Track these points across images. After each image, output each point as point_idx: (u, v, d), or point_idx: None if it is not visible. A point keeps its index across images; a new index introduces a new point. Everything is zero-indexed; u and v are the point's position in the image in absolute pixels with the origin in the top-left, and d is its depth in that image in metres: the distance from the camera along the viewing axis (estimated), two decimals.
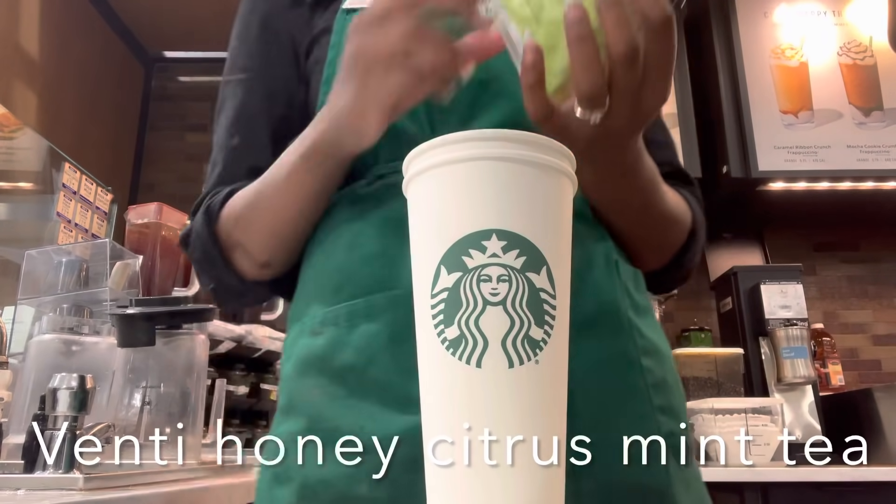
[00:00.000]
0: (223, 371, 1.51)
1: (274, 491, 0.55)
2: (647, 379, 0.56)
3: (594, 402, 0.53)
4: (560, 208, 0.36)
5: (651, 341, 0.59)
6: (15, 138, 2.28)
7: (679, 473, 0.56)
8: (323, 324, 0.57)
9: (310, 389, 0.56)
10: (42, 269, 1.17)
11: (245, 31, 0.73)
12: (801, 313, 2.21)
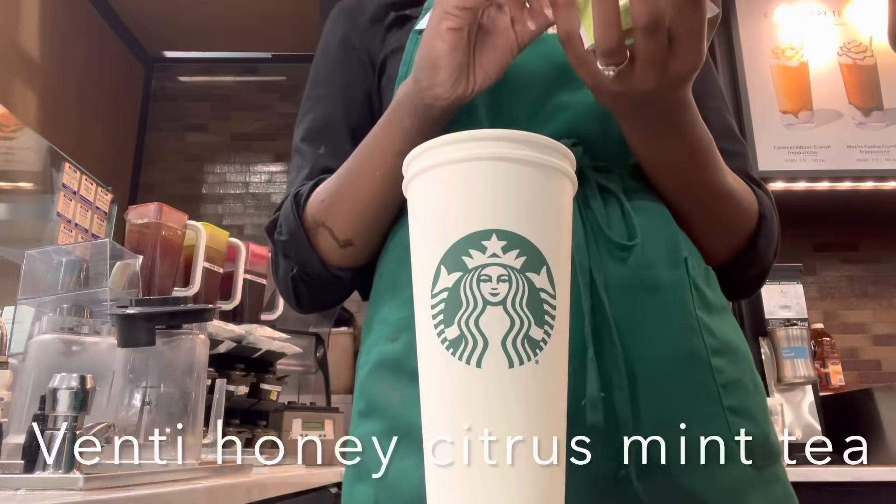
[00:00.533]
0: (223, 371, 1.51)
1: (355, 488, 0.58)
2: (717, 378, 0.56)
3: (658, 399, 0.53)
4: (560, 208, 0.36)
5: (724, 341, 0.59)
6: (15, 138, 2.28)
7: (754, 477, 0.55)
8: (398, 329, 0.59)
9: (388, 392, 0.59)
10: (42, 269, 1.16)
11: (326, 48, 0.77)
12: (801, 313, 2.21)
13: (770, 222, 0.67)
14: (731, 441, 0.54)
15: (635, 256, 0.57)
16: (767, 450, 0.58)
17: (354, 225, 0.64)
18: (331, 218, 0.64)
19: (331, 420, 1.91)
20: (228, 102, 3.39)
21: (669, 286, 0.57)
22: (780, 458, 0.60)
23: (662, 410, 0.53)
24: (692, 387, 0.55)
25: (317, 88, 0.76)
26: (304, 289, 0.70)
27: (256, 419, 1.70)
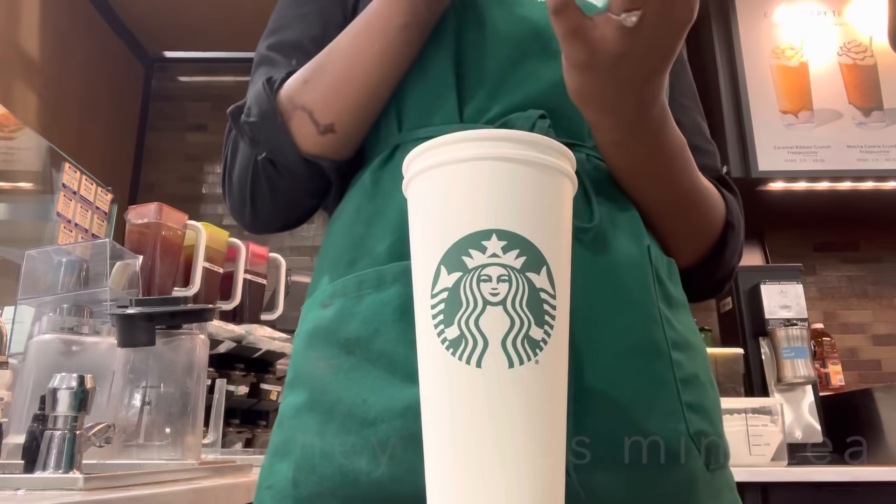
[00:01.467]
0: (223, 371, 1.51)
1: (274, 466, 0.54)
2: (676, 373, 0.53)
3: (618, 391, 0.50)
4: (560, 208, 0.36)
5: (683, 336, 0.56)
6: (15, 138, 2.28)
7: (707, 478, 0.52)
8: (332, 295, 0.55)
9: (315, 361, 0.54)
10: (42, 269, 1.17)
11: None
12: (801, 313, 2.21)
13: (737, 231, 0.65)
14: (687, 439, 0.51)
15: (595, 240, 0.53)
16: (721, 452, 0.55)
17: (340, 106, 0.57)
18: (312, 98, 0.58)
19: None
20: (228, 102, 3.34)
21: (631, 273, 0.54)
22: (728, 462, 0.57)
23: (617, 402, 0.49)
24: (651, 379, 0.51)
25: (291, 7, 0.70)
26: (265, 184, 0.62)
27: (256, 419, 1.70)
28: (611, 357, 0.50)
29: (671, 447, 0.50)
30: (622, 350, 0.51)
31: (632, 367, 0.51)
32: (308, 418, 0.52)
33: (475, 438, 0.32)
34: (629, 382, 0.50)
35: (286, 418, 0.55)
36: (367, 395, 0.50)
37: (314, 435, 0.51)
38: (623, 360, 0.51)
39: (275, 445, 0.55)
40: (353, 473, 0.48)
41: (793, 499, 1.75)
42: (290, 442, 0.53)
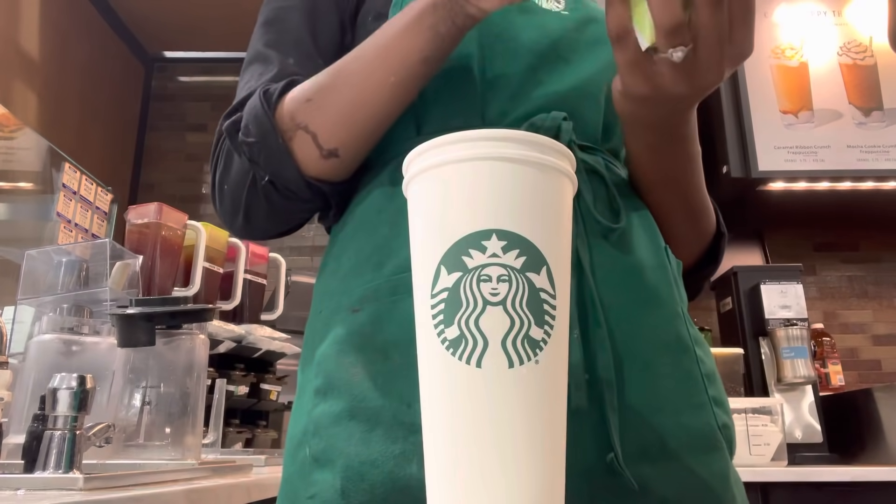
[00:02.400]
0: (223, 371, 1.51)
1: (314, 475, 0.52)
2: (701, 368, 0.55)
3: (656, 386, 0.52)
4: (560, 208, 0.36)
5: (697, 332, 0.59)
6: (15, 138, 2.28)
7: (732, 468, 0.56)
8: (362, 300, 0.54)
9: (350, 367, 0.53)
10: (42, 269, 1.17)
11: None
12: (801, 313, 2.21)
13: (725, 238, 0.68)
14: (716, 430, 0.54)
15: (621, 239, 0.55)
16: (734, 442, 0.59)
17: (347, 133, 0.56)
18: (318, 121, 0.56)
19: None
20: (228, 102, 3.34)
21: (655, 272, 0.56)
22: None
23: (652, 395, 0.51)
24: (682, 374, 0.54)
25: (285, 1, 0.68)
26: (264, 202, 0.60)
27: (256, 419, 1.70)
28: (646, 353, 0.52)
29: (707, 439, 0.53)
30: (655, 346, 0.53)
31: (665, 362, 0.53)
32: (350, 426, 0.51)
33: (475, 438, 0.32)
34: (664, 378, 0.53)
35: (323, 426, 0.53)
36: (412, 399, 0.49)
37: (359, 443, 0.50)
38: (657, 356, 0.53)
39: (312, 454, 0.53)
40: (404, 479, 0.48)
41: (793, 499, 1.75)
42: (332, 450, 0.52)
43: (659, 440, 0.50)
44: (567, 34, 0.63)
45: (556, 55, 0.61)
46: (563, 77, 0.60)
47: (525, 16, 0.62)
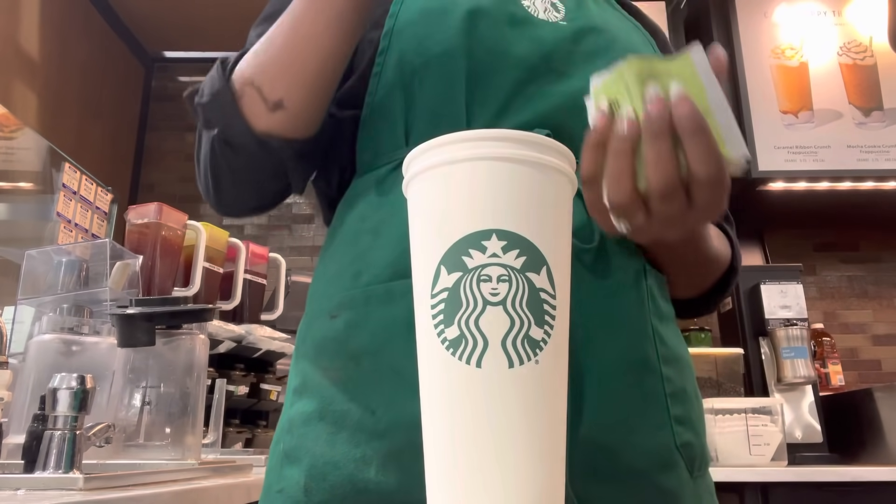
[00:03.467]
0: (223, 371, 1.51)
1: (284, 469, 0.55)
2: (665, 387, 0.55)
3: (613, 405, 0.52)
4: (560, 208, 0.35)
5: (672, 349, 0.58)
6: (15, 138, 2.28)
7: (691, 486, 0.55)
8: (340, 307, 0.56)
9: (324, 370, 0.55)
10: (42, 269, 1.17)
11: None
12: (801, 313, 2.21)
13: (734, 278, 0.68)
14: (674, 450, 0.54)
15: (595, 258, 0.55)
16: (703, 459, 0.58)
17: (288, 81, 0.56)
18: (261, 74, 0.57)
19: None
20: None
21: (628, 293, 0.56)
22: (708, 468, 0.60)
23: (607, 415, 0.52)
24: (642, 394, 0.54)
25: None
26: (224, 165, 0.61)
27: (256, 419, 1.70)
28: (607, 373, 0.52)
29: (660, 459, 0.53)
30: (617, 367, 0.53)
31: (625, 383, 0.53)
32: (318, 427, 0.54)
33: (475, 438, 0.32)
34: (622, 397, 0.53)
35: (296, 425, 0.56)
36: (376, 406, 0.51)
37: (325, 444, 0.53)
38: (618, 377, 0.53)
39: (284, 450, 0.56)
40: (363, 483, 0.50)
41: (793, 499, 1.75)
42: (301, 449, 0.54)
43: (610, 459, 0.51)
44: (562, 46, 0.62)
45: (549, 68, 0.60)
46: (553, 91, 0.59)
47: (518, 28, 0.61)
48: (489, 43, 0.59)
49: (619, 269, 0.56)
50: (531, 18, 0.62)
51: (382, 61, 0.60)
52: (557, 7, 0.65)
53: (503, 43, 0.60)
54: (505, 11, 0.61)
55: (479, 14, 0.60)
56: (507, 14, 0.61)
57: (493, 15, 0.60)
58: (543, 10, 0.64)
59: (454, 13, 0.60)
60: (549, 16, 0.63)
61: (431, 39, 0.59)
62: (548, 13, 0.64)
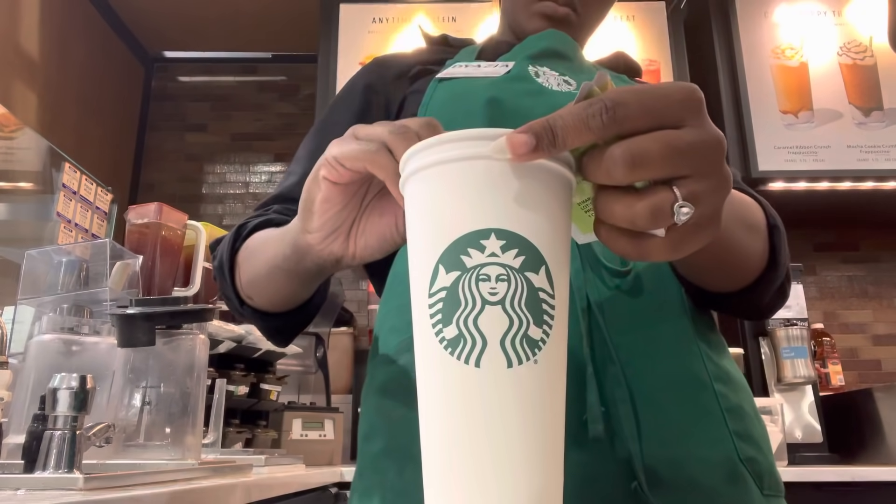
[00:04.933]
0: (223, 371, 1.51)
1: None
2: (721, 403, 0.56)
3: (669, 420, 0.53)
4: (558, 207, 0.35)
5: (724, 369, 0.59)
6: (15, 138, 2.28)
7: (763, 501, 0.56)
8: (398, 352, 0.61)
9: (388, 411, 0.60)
10: (42, 269, 1.16)
11: (351, 90, 0.81)
12: (801, 313, 2.21)
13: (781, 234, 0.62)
14: (738, 464, 0.55)
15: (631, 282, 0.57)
16: (774, 480, 0.59)
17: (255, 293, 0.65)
18: (244, 267, 0.65)
19: (331, 420, 1.91)
20: (228, 102, 3.39)
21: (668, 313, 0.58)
22: (783, 495, 0.61)
23: (667, 429, 0.53)
24: (697, 409, 0.55)
25: (333, 113, 0.80)
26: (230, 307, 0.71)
27: (256, 419, 1.70)
28: (658, 391, 0.54)
29: (725, 472, 0.53)
30: (668, 384, 0.54)
31: (678, 398, 0.54)
32: (386, 462, 0.58)
33: (473, 438, 0.32)
34: (678, 412, 0.54)
35: (366, 468, 0.61)
36: None
37: (394, 478, 0.56)
38: (670, 393, 0.54)
39: (358, 495, 0.61)
40: None
41: (793, 499, 1.74)
42: (373, 487, 0.59)
43: (676, 470, 0.52)
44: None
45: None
46: None
47: (535, 98, 0.67)
48: (510, 113, 0.66)
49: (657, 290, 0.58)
50: (547, 90, 0.70)
51: None
52: (570, 82, 0.73)
53: (524, 110, 0.66)
54: (521, 88, 0.69)
55: (499, 93, 0.67)
56: (524, 90, 0.69)
57: (512, 92, 0.68)
58: (556, 84, 0.71)
59: (478, 96, 0.67)
60: (561, 88, 0.71)
61: (458, 118, 0.66)
62: (560, 87, 0.71)
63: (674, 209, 0.34)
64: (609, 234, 0.37)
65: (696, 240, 0.37)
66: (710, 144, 0.35)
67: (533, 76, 0.71)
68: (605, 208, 0.35)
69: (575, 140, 0.33)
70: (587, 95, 0.35)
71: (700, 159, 0.35)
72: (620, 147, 0.33)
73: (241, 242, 0.67)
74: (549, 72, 0.73)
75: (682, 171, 0.34)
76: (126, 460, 0.97)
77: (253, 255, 0.64)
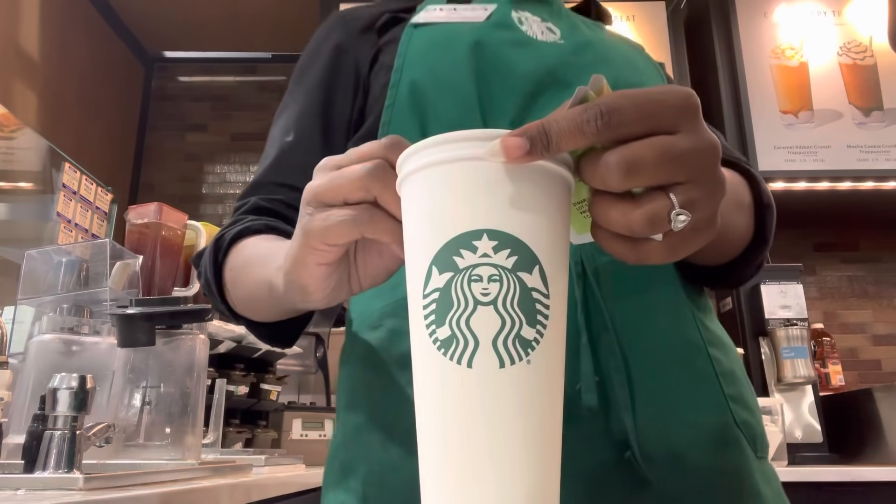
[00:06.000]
0: (223, 371, 1.52)
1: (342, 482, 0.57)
2: (715, 367, 0.56)
3: (665, 388, 0.53)
4: (554, 207, 0.35)
5: (715, 334, 0.60)
6: (15, 138, 2.28)
7: (757, 465, 0.56)
8: (381, 317, 0.59)
9: (370, 381, 0.58)
10: (42, 269, 1.17)
11: (315, 54, 0.76)
12: (801, 313, 2.21)
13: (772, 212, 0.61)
14: (734, 427, 0.55)
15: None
16: (764, 442, 0.59)
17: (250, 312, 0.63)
18: (234, 291, 0.63)
19: (331, 420, 1.91)
20: (228, 102, 3.39)
21: (661, 279, 0.58)
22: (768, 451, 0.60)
23: (662, 395, 0.53)
24: (692, 373, 0.55)
25: (301, 84, 0.76)
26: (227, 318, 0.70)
27: (256, 419, 1.70)
28: (653, 357, 0.54)
29: (721, 437, 0.54)
30: (664, 349, 0.54)
31: (674, 363, 0.54)
32: (371, 436, 0.56)
33: (466, 438, 0.32)
34: (674, 379, 0.54)
35: (349, 438, 0.58)
36: None
37: (380, 450, 0.55)
38: (666, 359, 0.54)
39: (339, 464, 0.59)
40: None
41: (793, 499, 1.74)
42: (356, 459, 0.57)
43: (668, 439, 0.52)
44: (564, 59, 0.65)
45: (554, 80, 0.63)
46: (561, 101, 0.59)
47: (520, 49, 0.65)
48: (496, 64, 0.64)
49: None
50: (531, 40, 0.67)
51: (395, 94, 0.64)
52: (553, 30, 0.70)
53: (509, 63, 0.64)
54: (506, 37, 0.66)
55: (483, 40, 0.65)
56: (509, 39, 0.66)
57: (497, 40, 0.65)
58: (541, 32, 0.69)
59: (461, 42, 0.65)
60: (546, 37, 0.69)
61: (442, 68, 0.64)
62: (545, 35, 0.69)
63: (670, 216, 0.34)
64: (606, 239, 0.37)
65: (694, 243, 0.37)
66: (704, 151, 0.35)
67: (517, 23, 0.69)
68: (601, 214, 0.35)
69: (569, 144, 0.33)
70: (583, 99, 0.35)
71: (695, 166, 0.35)
72: (615, 154, 0.33)
73: (222, 256, 0.64)
74: (531, 17, 0.70)
75: (677, 177, 0.34)
76: (126, 460, 0.97)
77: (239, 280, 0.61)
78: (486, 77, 0.63)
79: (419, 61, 0.65)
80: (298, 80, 0.77)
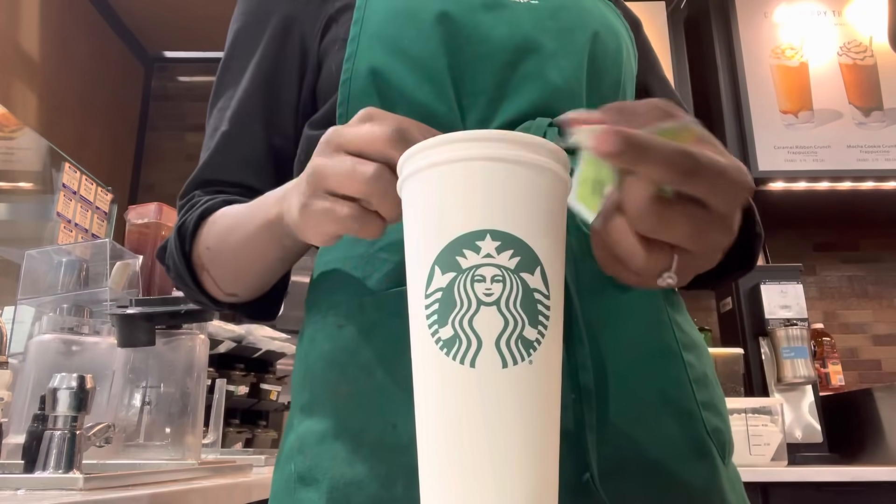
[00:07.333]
0: (223, 371, 1.52)
1: (299, 493, 0.52)
2: (689, 373, 0.55)
3: (638, 396, 0.51)
4: (554, 208, 0.36)
5: (690, 336, 0.58)
6: (15, 138, 2.28)
7: (724, 472, 0.55)
8: (347, 316, 0.54)
9: (335, 385, 0.53)
10: (42, 269, 1.17)
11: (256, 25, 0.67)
12: (801, 313, 2.21)
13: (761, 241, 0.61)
14: (705, 437, 0.53)
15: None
16: (730, 446, 0.57)
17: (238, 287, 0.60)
18: (215, 269, 0.60)
19: None
20: None
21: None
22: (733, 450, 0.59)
23: (634, 407, 0.51)
24: (668, 382, 0.53)
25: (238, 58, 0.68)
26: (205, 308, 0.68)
27: (256, 419, 1.70)
28: (628, 364, 0.52)
29: (693, 447, 0.52)
30: (638, 356, 0.52)
31: (648, 371, 0.53)
32: (335, 446, 0.51)
33: (468, 438, 0.32)
34: (647, 387, 0.52)
35: (308, 445, 0.53)
36: (396, 419, 0.49)
37: (344, 463, 0.50)
38: (640, 366, 0.52)
39: (298, 473, 0.52)
40: (390, 501, 0.48)
41: (793, 499, 1.75)
42: (317, 470, 0.51)
43: (639, 453, 0.50)
44: (542, 23, 0.60)
45: (532, 47, 0.58)
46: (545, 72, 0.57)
47: (493, 13, 0.59)
48: (467, 31, 0.57)
49: None
50: (505, 3, 0.60)
51: (351, 67, 0.58)
52: None
53: (481, 29, 0.57)
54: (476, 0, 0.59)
55: (451, 3, 0.58)
56: (480, 1, 0.59)
57: (466, 4, 0.58)
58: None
59: (426, 7, 0.58)
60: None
61: (406, 39, 0.57)
62: None
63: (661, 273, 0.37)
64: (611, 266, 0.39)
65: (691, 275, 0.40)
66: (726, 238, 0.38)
67: None
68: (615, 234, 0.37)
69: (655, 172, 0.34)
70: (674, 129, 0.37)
71: (710, 247, 0.37)
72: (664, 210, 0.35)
73: (189, 244, 0.60)
74: None
75: (690, 248, 0.37)
76: (126, 460, 0.97)
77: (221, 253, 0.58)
78: (457, 48, 0.56)
79: (379, 33, 0.58)
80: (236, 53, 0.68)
